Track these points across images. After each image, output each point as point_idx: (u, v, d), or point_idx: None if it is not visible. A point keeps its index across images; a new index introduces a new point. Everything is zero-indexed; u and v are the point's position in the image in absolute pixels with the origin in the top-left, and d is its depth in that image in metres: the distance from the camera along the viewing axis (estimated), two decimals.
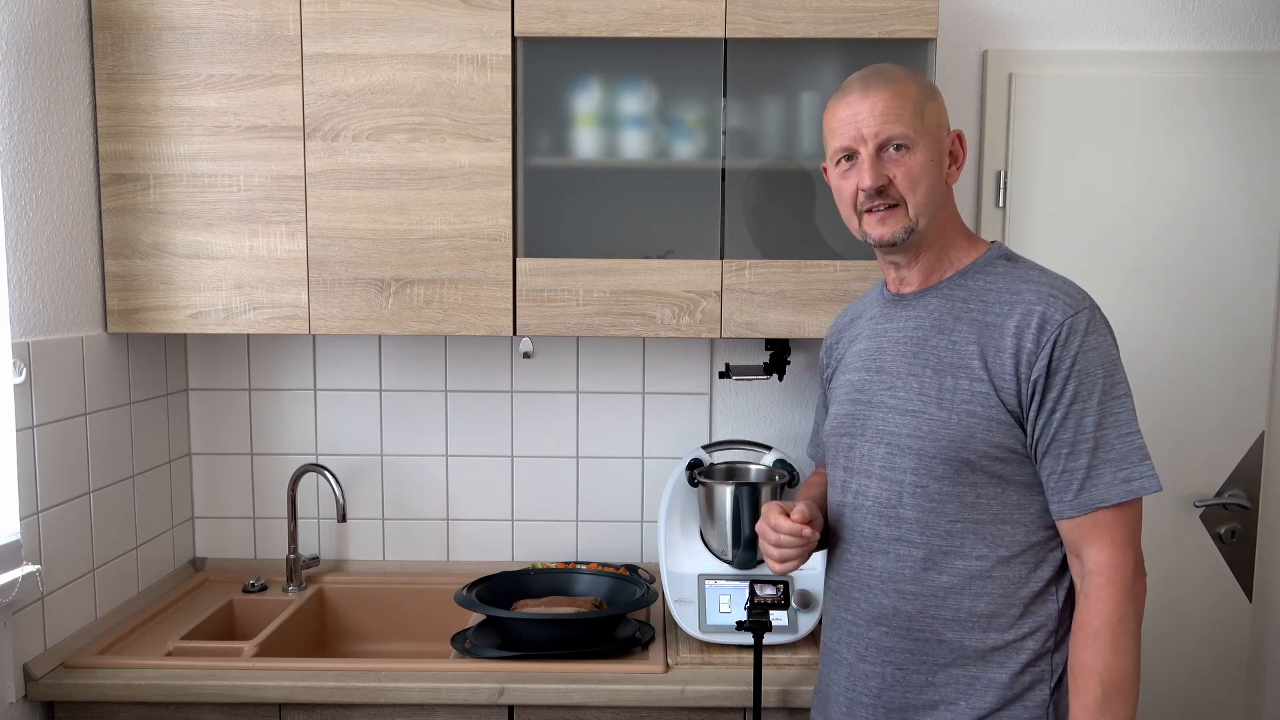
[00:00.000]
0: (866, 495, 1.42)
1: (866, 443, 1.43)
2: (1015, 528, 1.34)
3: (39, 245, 1.75)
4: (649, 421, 2.31)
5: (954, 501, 1.34)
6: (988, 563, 1.34)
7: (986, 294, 1.38)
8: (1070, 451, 1.29)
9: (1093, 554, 1.29)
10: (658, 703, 1.70)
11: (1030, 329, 1.30)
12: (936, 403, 1.35)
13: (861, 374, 1.47)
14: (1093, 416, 1.28)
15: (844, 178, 1.40)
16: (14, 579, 1.60)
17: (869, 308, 1.55)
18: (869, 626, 1.41)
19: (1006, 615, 1.34)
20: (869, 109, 1.35)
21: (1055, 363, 1.29)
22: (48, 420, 1.75)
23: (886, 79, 1.37)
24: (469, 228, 1.92)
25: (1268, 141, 2.18)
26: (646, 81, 1.93)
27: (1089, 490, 1.28)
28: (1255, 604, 2.27)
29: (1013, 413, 1.31)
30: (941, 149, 1.39)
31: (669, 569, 1.93)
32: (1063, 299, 1.32)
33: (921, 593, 1.37)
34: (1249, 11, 2.19)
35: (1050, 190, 2.21)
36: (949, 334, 1.37)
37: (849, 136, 1.37)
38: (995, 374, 1.32)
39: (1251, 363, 2.22)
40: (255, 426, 2.31)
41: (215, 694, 1.69)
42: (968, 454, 1.33)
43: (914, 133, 1.35)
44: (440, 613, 2.16)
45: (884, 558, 1.40)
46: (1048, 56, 2.19)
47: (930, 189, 1.36)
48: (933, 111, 1.38)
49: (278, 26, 1.88)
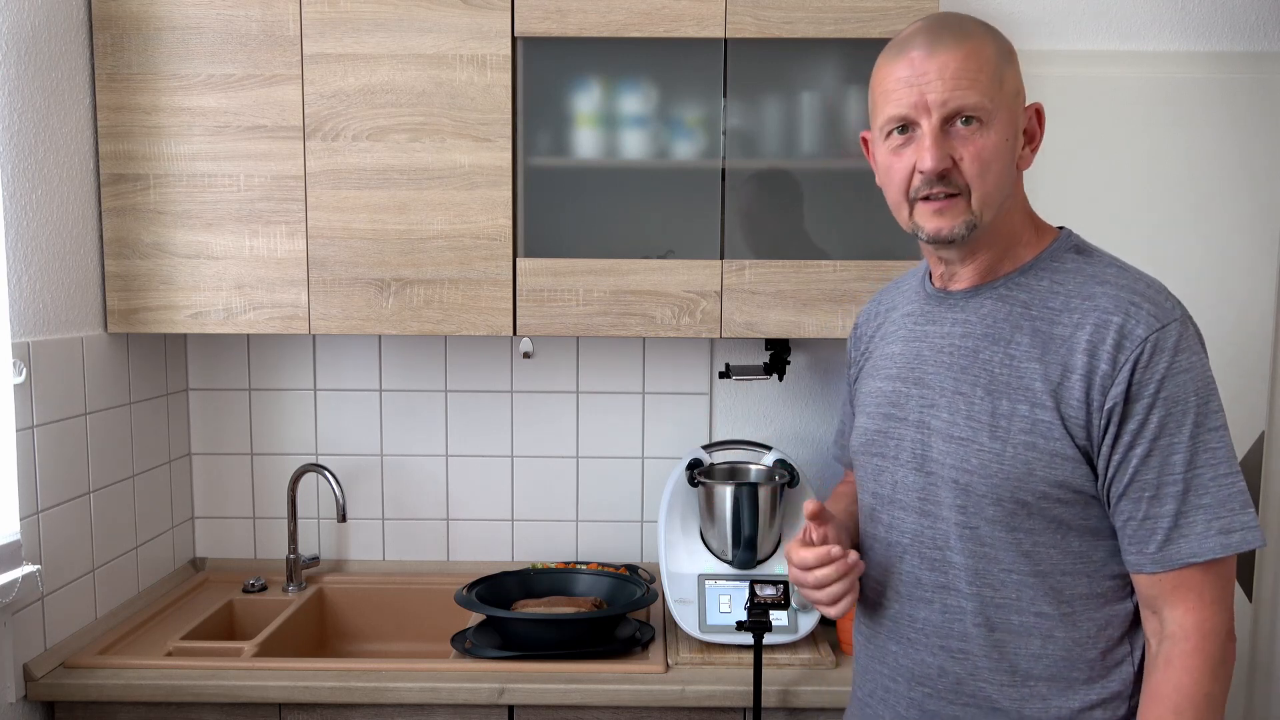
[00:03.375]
0: (903, 531, 1.21)
1: (900, 468, 1.22)
2: (1078, 579, 1.13)
3: (39, 245, 1.75)
4: (649, 421, 2.31)
5: (1008, 549, 1.13)
6: (1049, 621, 1.13)
7: (1052, 297, 1.14)
8: (1155, 495, 1.07)
9: (1177, 616, 1.07)
10: (658, 703, 1.70)
11: (1106, 345, 1.08)
12: (989, 431, 1.12)
13: (896, 384, 1.25)
14: (1182, 454, 1.06)
15: (895, 154, 1.13)
16: (14, 579, 1.60)
17: (906, 300, 1.31)
18: (910, 686, 1.22)
19: (1070, 680, 1.14)
20: (937, 69, 1.08)
21: (1136, 388, 1.06)
22: (48, 420, 1.75)
23: (960, 33, 1.10)
24: (469, 228, 1.92)
25: (1268, 141, 2.18)
26: (646, 81, 1.93)
27: (1177, 543, 1.06)
28: (1255, 604, 2.27)
29: (1081, 447, 1.09)
30: (1018, 125, 1.13)
31: (669, 569, 1.93)
32: (1147, 308, 1.10)
33: (973, 651, 1.16)
34: (1249, 11, 2.19)
35: (1050, 190, 2.21)
36: (1005, 345, 1.14)
37: (908, 103, 1.10)
38: (1062, 400, 1.09)
39: (1251, 363, 2.22)
40: (255, 426, 2.31)
41: (215, 694, 1.69)
42: (1024, 495, 1.11)
43: (991, 104, 1.09)
44: (440, 613, 2.16)
45: (928, 608, 1.19)
46: (1048, 56, 2.19)
47: (1001, 176, 1.11)
48: (1012, 77, 1.12)
49: (278, 26, 1.88)
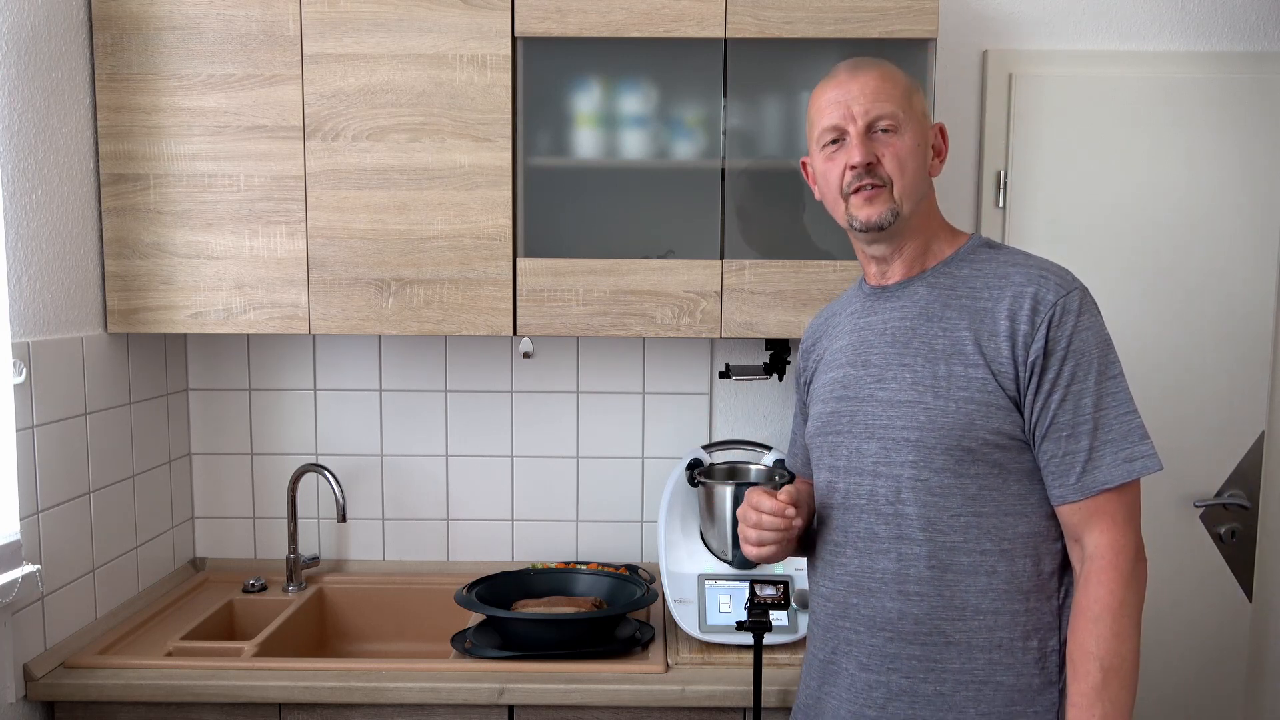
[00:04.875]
0: (859, 494, 1.37)
1: (855, 439, 1.38)
2: (1018, 519, 1.31)
3: (39, 245, 1.75)
4: (649, 421, 2.31)
5: (956, 494, 1.30)
6: (992, 557, 1.30)
7: (974, 280, 1.35)
8: (1070, 434, 1.26)
9: (1094, 538, 1.26)
10: (658, 703, 1.70)
11: (1024, 310, 1.28)
12: (932, 391, 1.31)
13: (846, 369, 1.42)
14: (1091, 397, 1.26)
15: (830, 159, 1.37)
16: (14, 579, 1.60)
17: (846, 305, 1.52)
18: (871, 633, 1.35)
19: (1013, 612, 1.30)
20: (859, 87, 1.34)
21: (1051, 343, 1.26)
22: (48, 420, 1.75)
23: (875, 63, 1.37)
24: (469, 228, 1.92)
25: (1267, 141, 2.18)
26: (646, 81, 1.93)
27: (1091, 473, 1.25)
28: (1255, 604, 2.27)
29: (1011, 397, 1.28)
30: (927, 138, 1.38)
31: (669, 569, 1.93)
32: (1054, 279, 1.30)
33: (927, 593, 1.31)
34: (1249, 11, 2.19)
35: (1050, 190, 2.21)
36: (938, 321, 1.34)
37: (838, 115, 1.35)
38: (991, 358, 1.29)
39: (1251, 363, 2.22)
40: (255, 426, 2.31)
41: (215, 694, 1.69)
42: (969, 442, 1.29)
43: (903, 114, 1.34)
44: (440, 613, 2.16)
45: (885, 558, 1.34)
46: (1048, 56, 2.19)
47: (916, 174, 1.35)
48: (919, 101, 1.38)
49: (278, 26, 1.88)
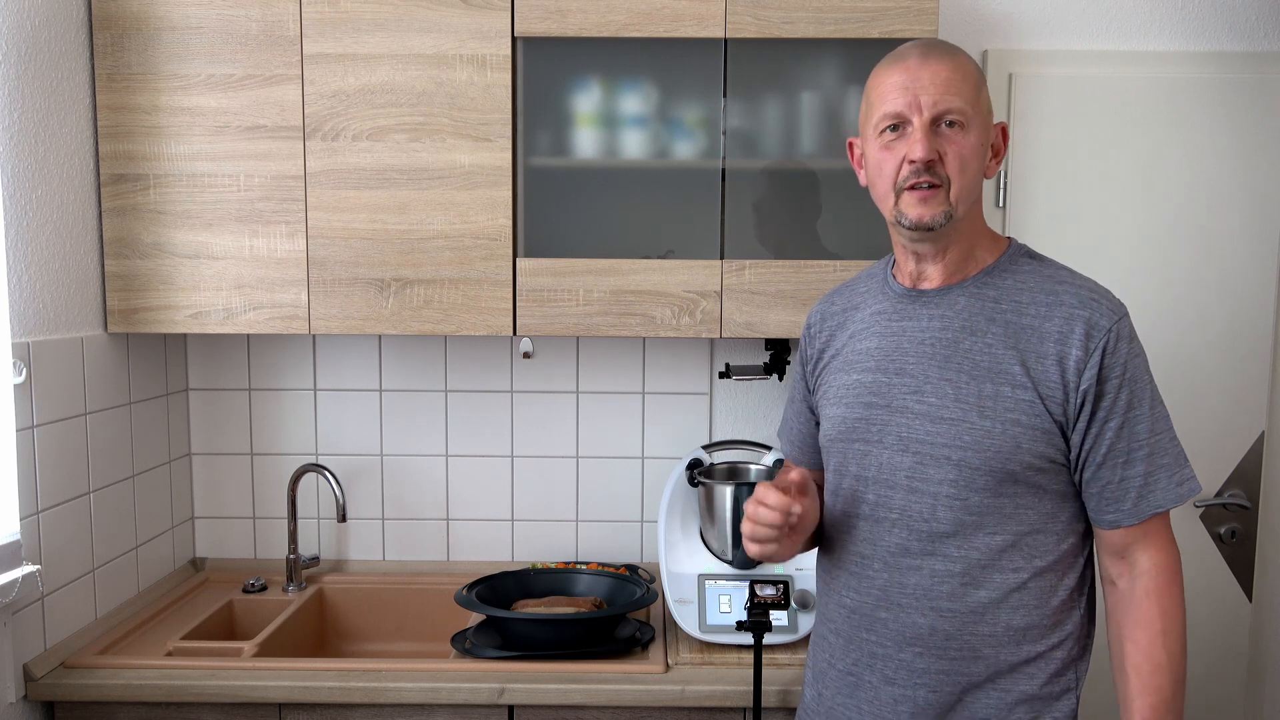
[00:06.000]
0: (891, 507, 1.33)
1: (886, 450, 1.34)
2: (1048, 536, 1.31)
3: (39, 245, 1.75)
4: (649, 421, 2.31)
5: (994, 514, 1.29)
6: (1024, 574, 1.30)
7: (1019, 294, 1.31)
8: (1126, 460, 1.26)
9: (1149, 556, 1.28)
10: (658, 703, 1.70)
11: (1075, 335, 1.25)
12: (978, 410, 1.27)
13: (875, 375, 1.36)
14: (1145, 423, 1.26)
15: (887, 148, 1.29)
16: (14, 579, 1.60)
17: (869, 300, 1.44)
18: (899, 648, 1.33)
19: (1040, 626, 1.31)
20: (930, 76, 1.25)
21: (1106, 370, 1.24)
22: (48, 420, 1.75)
23: (949, 51, 1.28)
24: (469, 228, 1.92)
25: (1268, 141, 2.18)
26: (646, 81, 1.93)
27: (1147, 498, 1.26)
28: (1255, 604, 2.27)
29: (1058, 421, 1.27)
30: (989, 137, 1.31)
31: (669, 569, 1.93)
32: (1105, 304, 1.28)
33: (960, 610, 1.30)
34: (1249, 11, 2.19)
35: (1050, 190, 2.21)
36: (982, 336, 1.30)
37: (903, 102, 1.26)
38: (1039, 381, 1.26)
39: (1251, 363, 2.22)
40: (255, 426, 2.31)
41: (215, 694, 1.69)
42: (1013, 465, 1.27)
43: (972, 111, 1.26)
44: (440, 613, 2.16)
45: (917, 574, 1.32)
46: (1048, 56, 2.19)
47: (975, 176, 1.29)
48: (986, 97, 1.31)
49: (278, 26, 1.88)
